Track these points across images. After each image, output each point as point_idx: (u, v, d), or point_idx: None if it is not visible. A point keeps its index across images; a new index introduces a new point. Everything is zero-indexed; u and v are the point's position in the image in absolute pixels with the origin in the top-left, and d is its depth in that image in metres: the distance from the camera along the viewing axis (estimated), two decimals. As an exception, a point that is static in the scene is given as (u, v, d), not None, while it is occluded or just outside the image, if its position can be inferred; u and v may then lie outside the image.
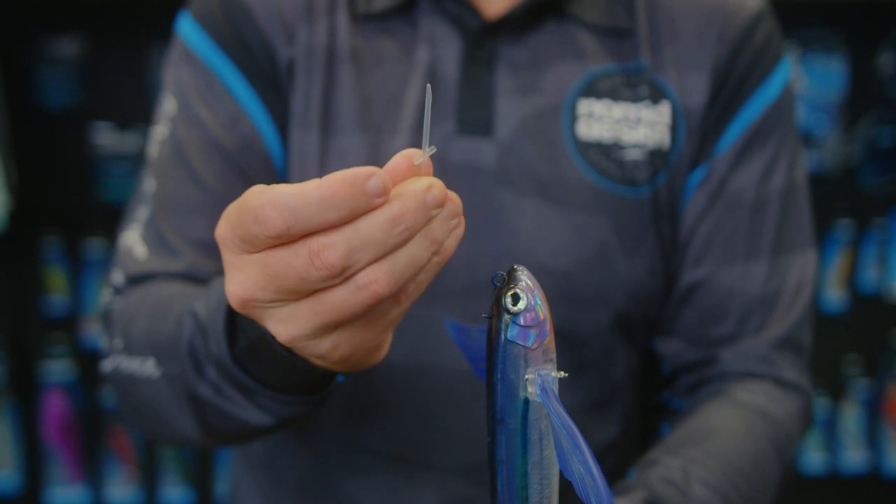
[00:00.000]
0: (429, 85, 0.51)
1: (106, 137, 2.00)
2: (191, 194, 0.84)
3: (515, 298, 0.51)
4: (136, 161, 1.93)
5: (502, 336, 0.51)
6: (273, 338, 0.58)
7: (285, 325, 0.52)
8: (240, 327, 0.63)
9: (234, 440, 0.76)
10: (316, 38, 0.84)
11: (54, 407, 2.04)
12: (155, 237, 0.84)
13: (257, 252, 0.49)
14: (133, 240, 0.85)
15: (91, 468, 2.07)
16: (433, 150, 0.50)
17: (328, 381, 0.64)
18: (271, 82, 0.85)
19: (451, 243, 0.50)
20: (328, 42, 0.84)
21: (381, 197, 0.46)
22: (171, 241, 0.83)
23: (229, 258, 0.51)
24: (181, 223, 0.83)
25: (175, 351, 0.69)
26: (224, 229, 0.50)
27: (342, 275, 0.48)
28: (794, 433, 0.85)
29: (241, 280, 0.51)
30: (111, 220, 2.03)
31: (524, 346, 0.51)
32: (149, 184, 0.86)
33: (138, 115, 1.95)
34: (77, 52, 1.98)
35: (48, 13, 1.97)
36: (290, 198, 0.46)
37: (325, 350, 0.53)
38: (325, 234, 0.47)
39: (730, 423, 0.81)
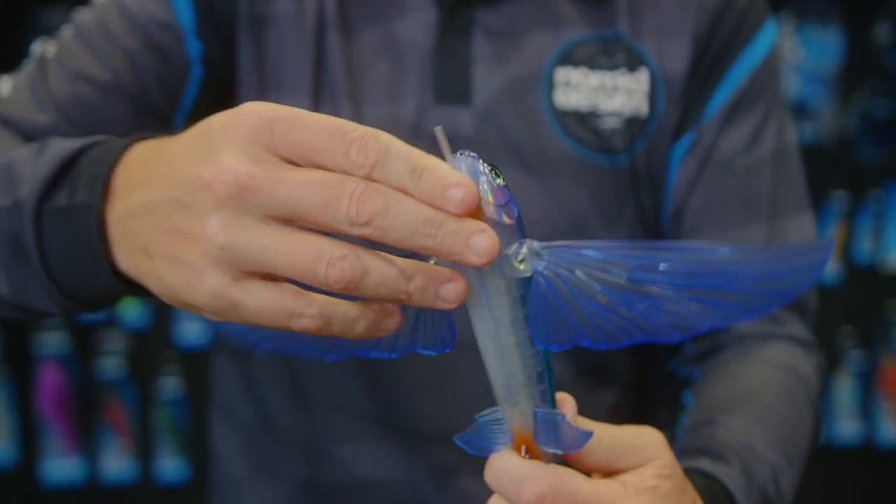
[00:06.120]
0: (439, 128, 0.48)
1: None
2: (88, 65, 0.79)
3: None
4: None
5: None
6: (101, 223, 0.54)
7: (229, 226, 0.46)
8: (74, 183, 0.57)
9: None
10: (305, 4, 0.83)
11: (49, 379, 2.04)
12: (28, 83, 0.79)
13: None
14: (4, 80, 0.81)
15: (86, 441, 2.08)
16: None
17: (100, 302, 0.61)
18: (218, 19, 0.82)
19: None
20: (318, 9, 0.83)
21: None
22: (42, 91, 0.79)
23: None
24: (64, 81, 0.79)
25: None
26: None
27: (367, 224, 0.45)
28: (818, 389, 0.85)
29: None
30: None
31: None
32: (47, 49, 0.82)
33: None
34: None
35: (39, -16, 1.96)
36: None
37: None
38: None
39: (767, 384, 0.80)
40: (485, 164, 0.48)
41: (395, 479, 0.85)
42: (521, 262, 0.48)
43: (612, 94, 0.83)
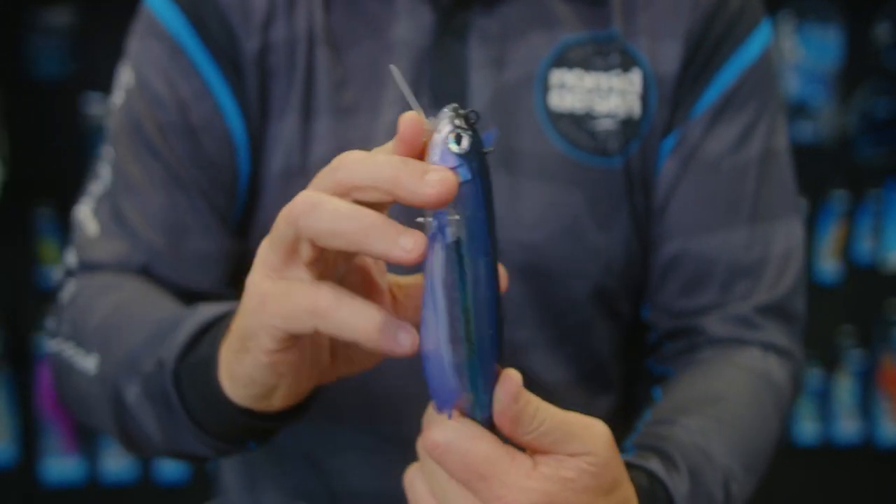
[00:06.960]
0: (392, 66, 0.51)
1: (98, 107, 1.98)
2: (150, 168, 0.83)
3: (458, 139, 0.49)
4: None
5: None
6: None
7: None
8: (200, 347, 0.63)
9: (151, 455, 0.77)
10: (297, 25, 0.83)
11: (49, 379, 2.03)
12: (109, 212, 0.83)
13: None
14: (85, 215, 0.85)
15: (86, 440, 2.07)
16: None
17: (244, 439, 0.65)
18: (233, 64, 0.83)
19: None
20: (308, 27, 0.83)
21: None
22: (127, 216, 0.83)
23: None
24: (138, 198, 0.83)
25: (121, 354, 0.71)
26: None
27: (294, 223, 0.50)
28: (790, 398, 0.84)
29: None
30: (104, 192, 2.03)
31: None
32: (107, 154, 0.86)
33: (131, 85, 1.94)
34: (69, 21, 1.96)
35: (39, -18, 1.96)
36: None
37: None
38: None
39: (736, 388, 0.80)
40: (454, 126, 0.49)
41: (390, 490, 0.85)
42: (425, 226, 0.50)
43: (606, 95, 0.83)
